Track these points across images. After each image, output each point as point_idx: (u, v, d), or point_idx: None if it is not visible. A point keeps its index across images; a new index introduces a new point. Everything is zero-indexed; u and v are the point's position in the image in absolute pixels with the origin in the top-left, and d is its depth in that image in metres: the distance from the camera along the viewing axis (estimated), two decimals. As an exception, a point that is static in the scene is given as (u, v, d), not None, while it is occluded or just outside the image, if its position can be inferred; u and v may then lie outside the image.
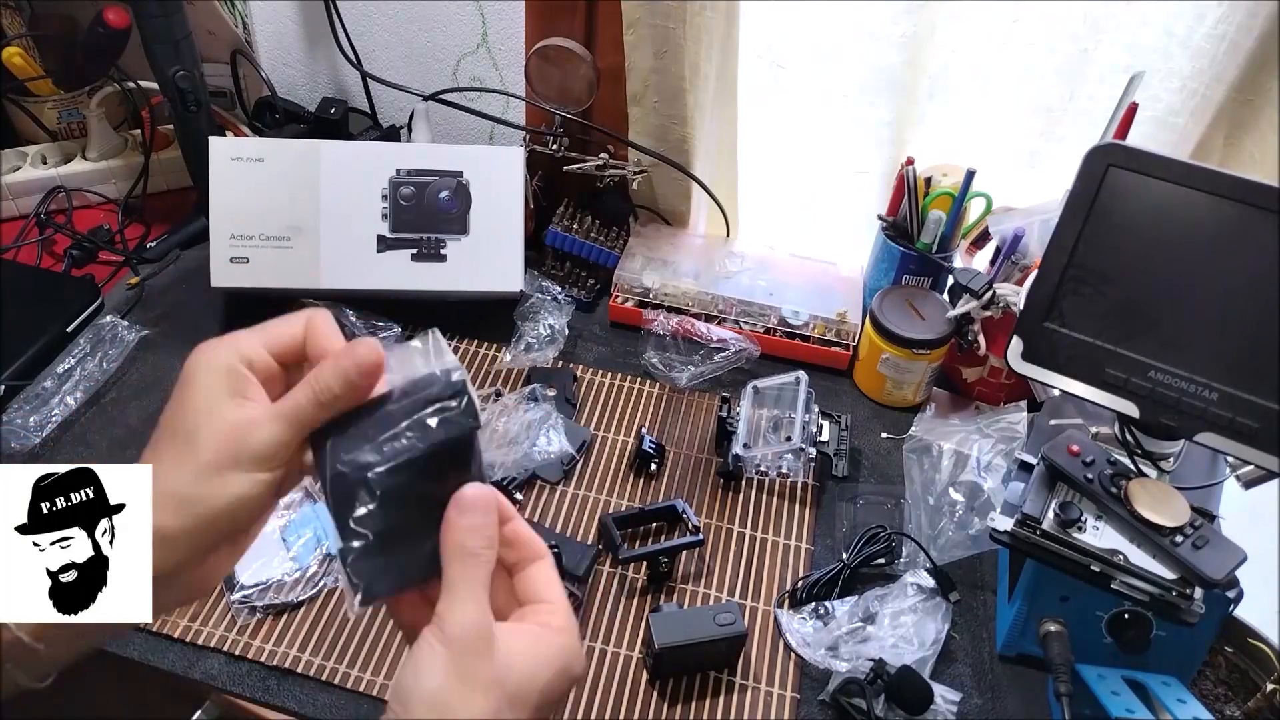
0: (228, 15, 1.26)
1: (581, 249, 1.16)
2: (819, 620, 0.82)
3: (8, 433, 0.94)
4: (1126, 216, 0.70)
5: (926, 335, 1.00)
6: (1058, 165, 1.03)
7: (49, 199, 1.23)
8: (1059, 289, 0.74)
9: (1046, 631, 0.77)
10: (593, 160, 1.14)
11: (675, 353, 1.08)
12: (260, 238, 1.02)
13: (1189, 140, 0.96)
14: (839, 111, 1.09)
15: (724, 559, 0.91)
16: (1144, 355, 0.71)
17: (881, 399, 1.07)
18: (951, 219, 1.03)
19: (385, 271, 1.04)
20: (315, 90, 1.34)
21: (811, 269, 1.17)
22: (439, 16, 1.21)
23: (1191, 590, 0.69)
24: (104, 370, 1.02)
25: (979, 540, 0.87)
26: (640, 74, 1.08)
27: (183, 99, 1.10)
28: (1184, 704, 0.72)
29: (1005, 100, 1.03)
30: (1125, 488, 0.72)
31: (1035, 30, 0.98)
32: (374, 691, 0.79)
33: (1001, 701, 0.81)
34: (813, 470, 0.98)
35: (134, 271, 1.16)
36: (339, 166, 1.03)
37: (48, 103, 1.27)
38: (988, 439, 0.93)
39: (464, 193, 1.04)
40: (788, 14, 1.05)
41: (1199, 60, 0.92)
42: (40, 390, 0.99)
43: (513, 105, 1.23)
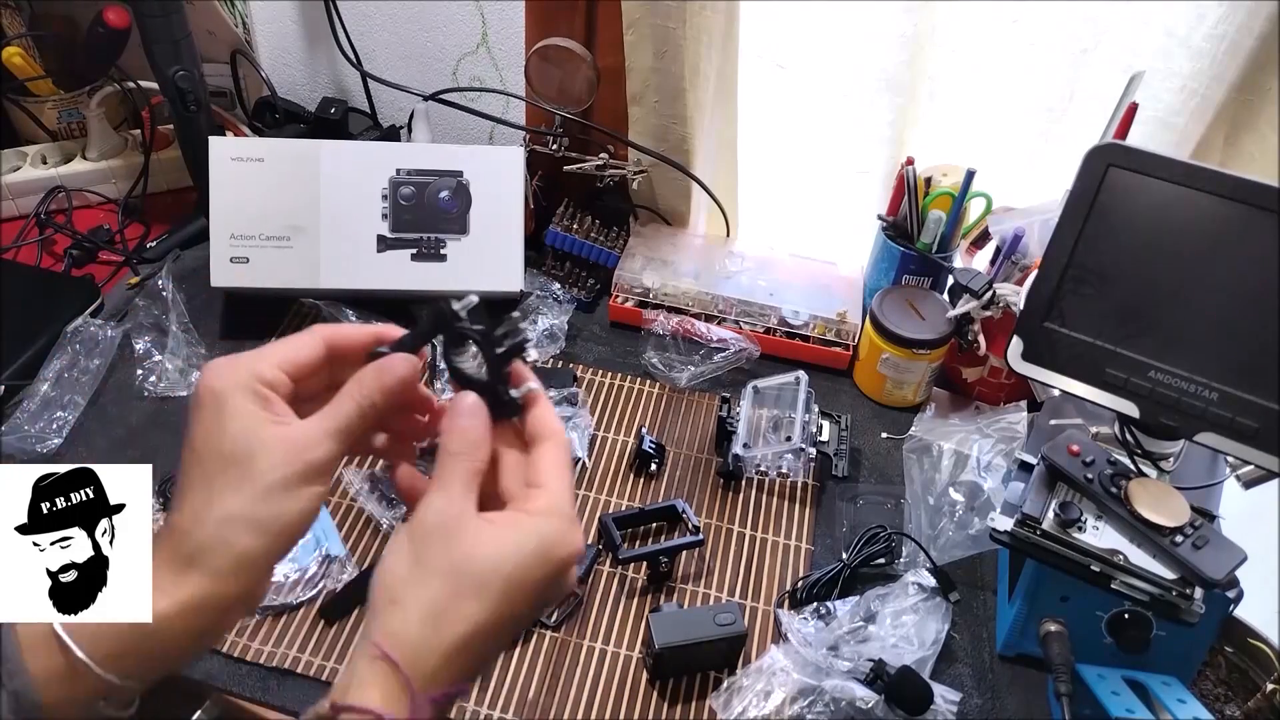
0: (228, 15, 1.26)
1: (581, 249, 1.16)
2: (820, 620, 0.82)
3: (18, 442, 0.94)
4: (1126, 216, 0.70)
5: (926, 335, 1.00)
6: (1058, 165, 1.03)
7: (49, 199, 1.23)
8: (1059, 289, 0.74)
9: (1046, 631, 0.77)
10: (593, 160, 1.14)
11: (675, 353, 1.08)
12: (260, 238, 1.02)
13: (1189, 140, 0.96)
14: (839, 111, 1.09)
15: (724, 559, 0.91)
16: (1144, 355, 0.71)
17: (881, 399, 1.07)
18: (951, 219, 1.03)
19: (385, 271, 1.04)
20: (315, 90, 1.34)
21: (811, 269, 1.17)
22: (439, 16, 1.21)
23: (1191, 590, 0.69)
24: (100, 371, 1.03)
25: (979, 540, 0.87)
26: (640, 74, 1.08)
27: (183, 99, 1.10)
28: (1184, 704, 0.72)
29: (1005, 100, 1.03)
30: (1125, 488, 0.72)
31: (1035, 30, 0.97)
32: (374, 691, 0.79)
33: (1001, 701, 0.81)
34: (813, 470, 0.98)
35: (134, 271, 1.16)
36: (339, 166, 1.03)
37: (48, 103, 1.27)
38: (988, 439, 0.93)
39: (464, 193, 1.04)
40: (788, 14, 1.05)
41: (1199, 60, 0.91)
42: (45, 395, 0.99)
43: (513, 105, 1.23)
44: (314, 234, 1.02)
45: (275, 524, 0.42)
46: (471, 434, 0.44)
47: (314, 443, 0.43)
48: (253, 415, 0.42)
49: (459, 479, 0.43)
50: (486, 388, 0.46)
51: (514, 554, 0.42)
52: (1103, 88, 0.98)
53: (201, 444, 0.42)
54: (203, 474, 0.42)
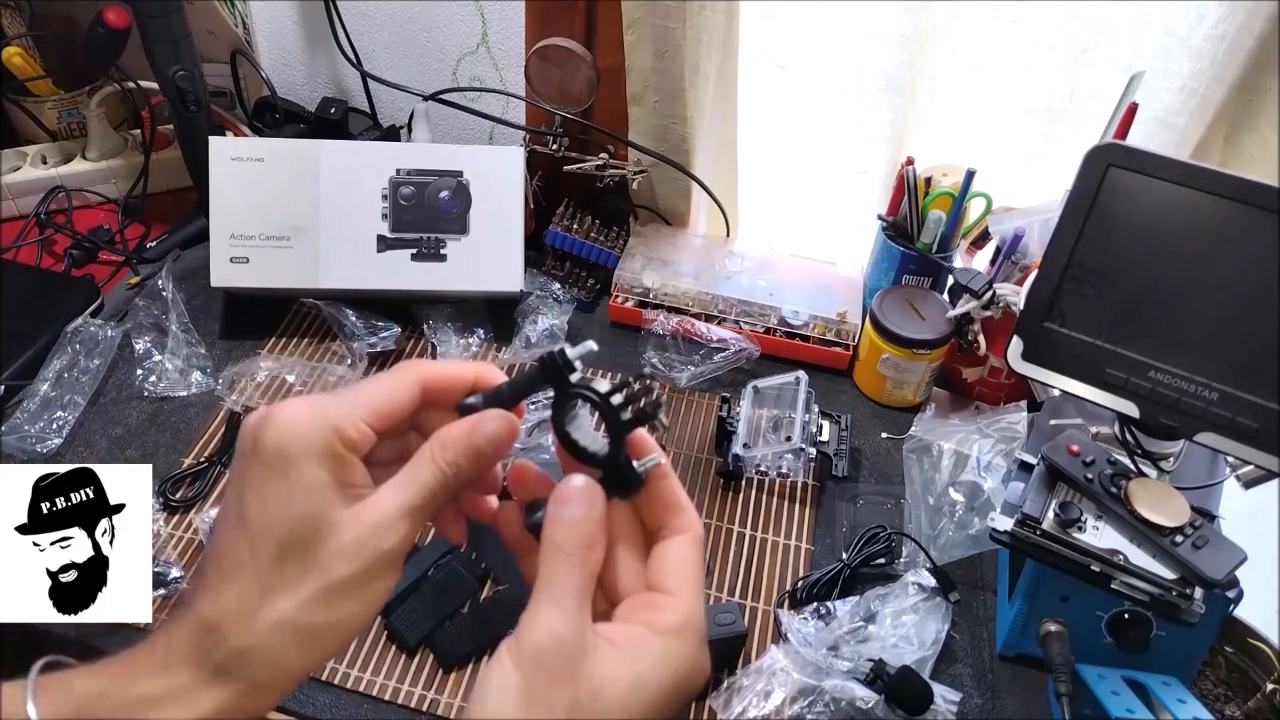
0: (228, 15, 1.26)
1: (581, 249, 1.16)
2: (820, 620, 0.82)
3: (18, 442, 0.94)
4: (1126, 216, 0.70)
5: (926, 335, 1.00)
6: (1058, 165, 1.03)
7: (49, 199, 1.23)
8: (1059, 289, 0.74)
9: (1046, 631, 0.77)
10: (593, 160, 1.14)
11: (675, 353, 1.08)
12: (260, 238, 1.02)
13: (1189, 140, 0.96)
14: (839, 111, 1.09)
15: (724, 559, 0.91)
16: (1144, 355, 0.71)
17: (881, 399, 1.07)
18: (951, 219, 1.03)
19: (385, 271, 1.04)
20: (315, 90, 1.34)
21: (811, 269, 1.17)
22: (439, 16, 1.21)
23: (1191, 590, 0.69)
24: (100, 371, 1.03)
25: (979, 540, 0.87)
26: (640, 74, 1.08)
27: (183, 99, 1.10)
28: (1184, 704, 0.72)
29: (1005, 100, 1.03)
30: (1125, 488, 0.72)
31: (1035, 30, 0.97)
32: (373, 691, 0.79)
33: (1001, 701, 0.81)
34: (813, 470, 0.98)
35: (134, 271, 1.16)
36: (339, 166, 1.03)
37: (48, 103, 1.27)
38: (988, 439, 0.93)
39: (464, 192, 1.04)
40: (788, 14, 1.05)
41: (1199, 60, 0.91)
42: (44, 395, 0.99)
43: (513, 105, 1.23)
44: (314, 234, 1.02)
45: (333, 632, 0.35)
46: (588, 528, 0.36)
47: (388, 527, 0.35)
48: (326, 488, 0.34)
49: (572, 589, 0.35)
50: (606, 461, 0.38)
51: (649, 689, 0.34)
52: (1103, 88, 0.98)
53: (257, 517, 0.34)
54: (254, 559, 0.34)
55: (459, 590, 0.85)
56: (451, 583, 0.85)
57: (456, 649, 0.81)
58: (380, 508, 0.35)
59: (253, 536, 0.34)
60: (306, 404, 0.36)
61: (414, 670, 0.81)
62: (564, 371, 0.38)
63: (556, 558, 0.35)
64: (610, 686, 0.34)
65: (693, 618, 0.36)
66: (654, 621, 0.36)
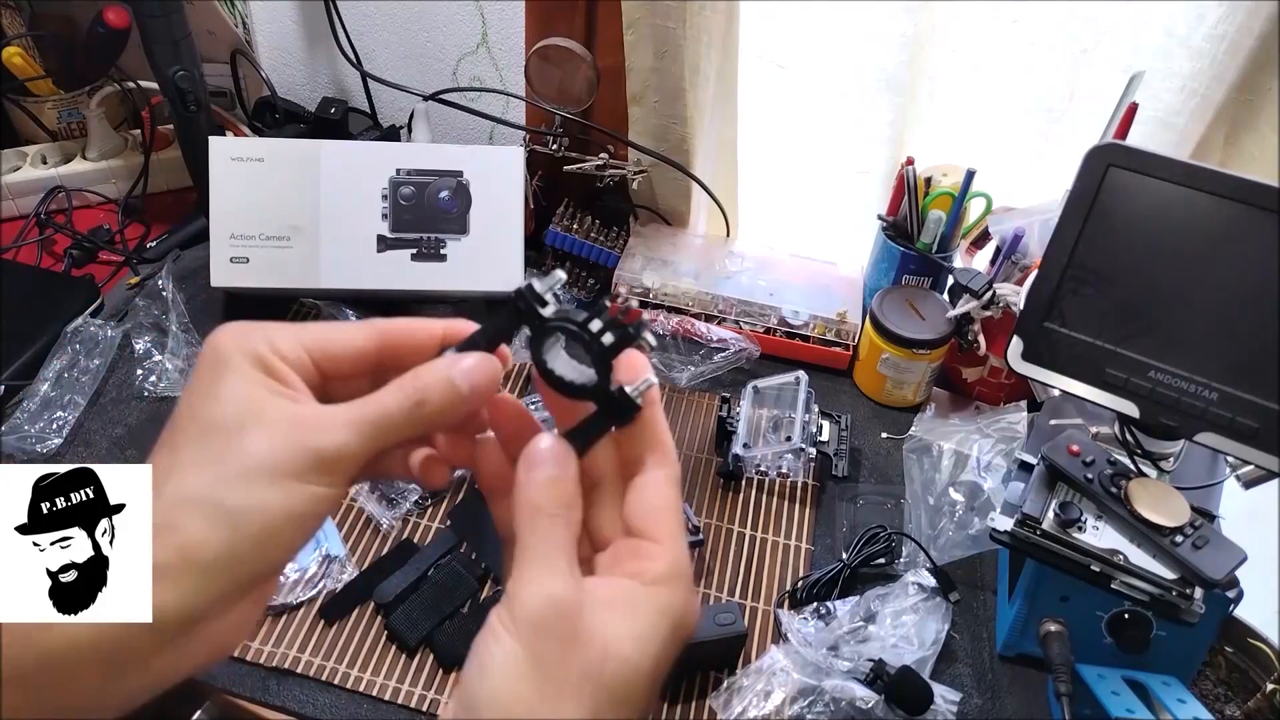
0: (228, 15, 1.26)
1: (581, 249, 1.16)
2: (820, 620, 0.82)
3: (18, 442, 0.94)
4: (1126, 216, 0.70)
5: (926, 335, 1.00)
6: (1058, 165, 1.03)
7: (49, 199, 1.23)
8: (1059, 289, 0.74)
9: (1046, 631, 0.77)
10: (593, 160, 1.14)
11: (675, 353, 1.08)
12: (260, 238, 1.02)
13: (1189, 140, 0.96)
14: (839, 111, 1.09)
15: (724, 559, 0.91)
16: (1144, 355, 0.71)
17: (881, 399, 1.07)
18: (951, 219, 1.03)
19: (385, 271, 1.04)
20: (315, 90, 1.34)
21: (811, 269, 1.17)
22: (439, 16, 1.21)
23: (1191, 590, 0.69)
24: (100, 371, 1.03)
25: (979, 540, 0.87)
26: (640, 74, 1.07)
27: (183, 99, 1.10)
28: (1184, 704, 0.72)
29: (1005, 100, 1.03)
30: (1125, 488, 0.72)
31: (1035, 30, 0.97)
32: (373, 691, 0.79)
33: (1001, 701, 0.81)
34: (813, 470, 0.98)
35: (134, 271, 1.16)
36: (339, 166, 1.02)
37: (48, 103, 1.27)
38: (988, 439, 0.93)
39: (464, 192, 1.04)
40: (788, 14, 1.05)
41: (1199, 60, 0.91)
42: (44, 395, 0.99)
43: (513, 105, 1.23)
44: (314, 234, 1.02)
45: (243, 518, 0.32)
46: (564, 488, 0.34)
47: (325, 428, 0.33)
48: (254, 380, 0.34)
49: (562, 550, 0.33)
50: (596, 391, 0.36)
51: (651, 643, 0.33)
52: (1103, 88, 0.98)
53: (189, 409, 0.34)
54: (173, 445, 0.34)
55: (459, 590, 0.85)
56: (451, 583, 0.85)
57: (456, 649, 0.81)
58: (323, 410, 0.34)
59: (178, 425, 0.34)
60: (246, 322, 0.36)
61: (414, 670, 0.81)
62: (535, 307, 0.36)
63: (538, 519, 0.33)
64: (615, 648, 0.32)
65: (679, 563, 0.35)
66: (642, 572, 0.34)
